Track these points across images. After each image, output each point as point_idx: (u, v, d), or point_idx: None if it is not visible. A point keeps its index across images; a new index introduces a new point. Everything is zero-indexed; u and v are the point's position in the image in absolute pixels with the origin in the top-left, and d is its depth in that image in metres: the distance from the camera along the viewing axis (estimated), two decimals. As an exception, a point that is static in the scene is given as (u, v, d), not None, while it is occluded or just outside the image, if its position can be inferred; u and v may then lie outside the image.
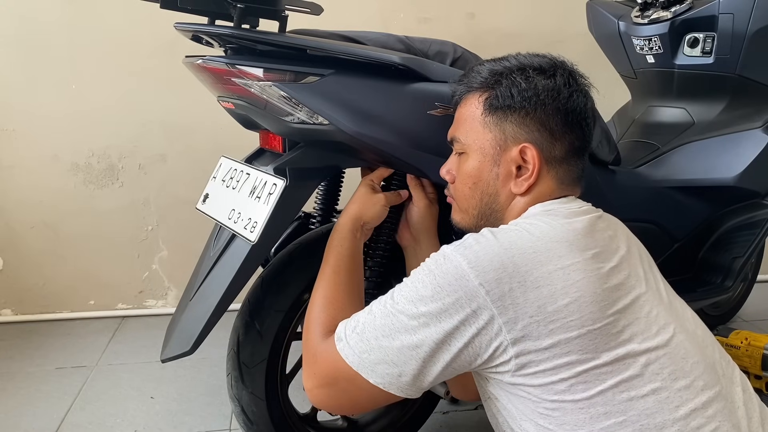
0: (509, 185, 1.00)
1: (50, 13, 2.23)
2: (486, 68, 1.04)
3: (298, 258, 1.33)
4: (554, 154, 0.99)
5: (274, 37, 1.14)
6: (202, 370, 2.03)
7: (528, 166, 0.99)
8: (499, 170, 1.01)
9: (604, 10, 1.98)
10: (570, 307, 0.84)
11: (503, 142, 1.00)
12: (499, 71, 1.02)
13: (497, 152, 1.00)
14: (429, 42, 1.32)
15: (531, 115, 0.98)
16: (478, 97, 1.03)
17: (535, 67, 1.01)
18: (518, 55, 1.05)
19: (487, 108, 1.01)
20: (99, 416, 1.82)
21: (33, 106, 2.28)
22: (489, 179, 1.02)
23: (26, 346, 2.23)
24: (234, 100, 1.25)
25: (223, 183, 1.35)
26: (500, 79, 1.01)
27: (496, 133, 1.00)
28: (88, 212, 2.39)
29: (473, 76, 1.05)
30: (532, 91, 0.98)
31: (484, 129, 1.01)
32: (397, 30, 1.41)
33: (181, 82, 2.13)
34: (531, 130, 0.98)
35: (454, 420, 1.80)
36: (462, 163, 1.05)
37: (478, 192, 1.03)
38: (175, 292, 2.52)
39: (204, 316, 1.21)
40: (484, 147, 1.01)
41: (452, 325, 0.85)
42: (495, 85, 1.01)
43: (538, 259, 0.86)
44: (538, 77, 0.99)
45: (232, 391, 1.34)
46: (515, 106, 0.99)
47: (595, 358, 0.83)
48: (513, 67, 1.02)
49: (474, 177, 1.03)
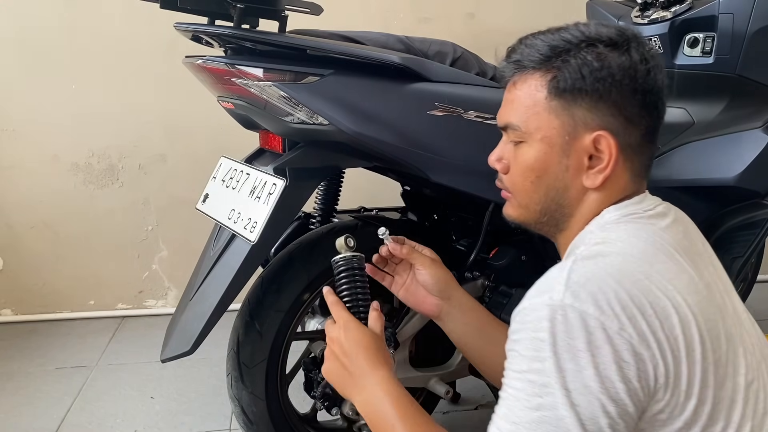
0: (580, 178, 0.87)
1: (50, 14, 2.23)
2: (544, 43, 0.88)
3: (298, 258, 1.33)
4: (629, 141, 0.87)
5: (274, 37, 1.14)
6: (202, 370, 2.03)
7: (602, 156, 0.86)
8: (569, 162, 0.87)
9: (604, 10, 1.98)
10: (691, 333, 0.75)
11: (573, 130, 0.86)
12: (563, 47, 0.87)
13: (566, 141, 0.87)
14: (429, 42, 1.32)
15: (605, 98, 0.85)
16: (539, 78, 0.88)
17: (605, 40, 0.86)
18: (579, 25, 0.90)
19: (552, 90, 0.86)
20: (99, 416, 1.82)
21: (33, 106, 2.28)
22: (557, 172, 0.88)
23: (26, 346, 2.23)
24: (234, 100, 1.25)
25: (223, 183, 1.35)
26: (566, 56, 0.86)
27: (565, 120, 0.86)
28: (88, 212, 2.39)
29: (529, 53, 0.89)
30: (606, 71, 0.84)
31: (549, 115, 0.87)
32: (397, 30, 1.41)
33: (181, 82, 2.13)
34: (604, 114, 0.85)
35: (454, 420, 1.80)
36: (520, 154, 0.91)
37: (542, 186, 0.90)
38: (175, 292, 2.52)
39: (204, 316, 1.21)
40: (550, 136, 0.87)
41: (606, 383, 0.71)
42: (560, 63, 0.86)
43: (649, 287, 0.75)
44: (611, 54, 0.85)
45: (232, 391, 1.34)
46: (587, 88, 0.85)
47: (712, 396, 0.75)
48: (578, 42, 0.87)
49: (538, 170, 0.89)
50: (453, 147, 1.25)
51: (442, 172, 1.27)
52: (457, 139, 1.25)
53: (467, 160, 1.27)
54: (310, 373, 1.40)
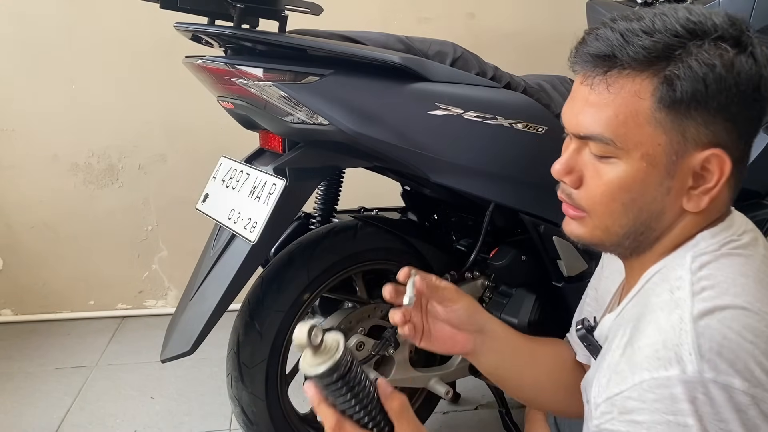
0: (681, 200, 0.73)
1: (50, 13, 2.23)
2: (648, 36, 0.69)
3: (298, 258, 1.33)
4: (739, 156, 0.73)
5: (274, 37, 1.14)
6: (202, 370, 2.03)
7: (710, 175, 0.71)
8: (672, 183, 0.72)
9: (604, 9, 1.98)
10: None
11: (682, 147, 0.70)
12: (676, 43, 0.68)
13: (672, 161, 0.71)
14: (429, 42, 1.31)
15: (724, 110, 0.69)
16: (643, 81, 0.69)
17: (725, 35, 0.69)
18: (678, 7, 0.72)
19: (662, 100, 0.69)
20: (99, 416, 1.82)
21: (33, 106, 2.28)
22: (655, 194, 0.73)
23: (26, 346, 2.23)
24: (234, 100, 1.25)
25: (223, 183, 1.34)
26: (683, 55, 0.68)
27: (674, 136, 0.70)
28: (88, 212, 2.39)
29: (628, 46, 0.69)
30: (732, 79, 0.68)
31: (655, 129, 0.70)
32: (397, 30, 1.41)
33: (181, 82, 2.12)
34: (719, 129, 0.70)
35: (454, 420, 1.80)
36: (609, 171, 0.73)
37: (634, 209, 0.74)
38: (175, 292, 2.52)
39: (204, 316, 1.21)
40: (653, 154, 0.71)
41: None
42: (675, 65, 0.68)
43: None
44: (736, 55, 0.68)
45: (232, 391, 1.34)
46: (706, 99, 0.68)
47: None
48: (694, 34, 0.68)
49: (632, 192, 0.73)
50: (453, 147, 1.25)
51: (442, 172, 1.27)
52: (457, 139, 1.25)
53: (467, 160, 1.27)
54: (310, 373, 1.40)
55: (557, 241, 1.37)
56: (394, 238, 1.43)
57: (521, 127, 1.29)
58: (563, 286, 1.40)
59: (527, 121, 1.30)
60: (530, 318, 1.38)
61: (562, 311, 1.45)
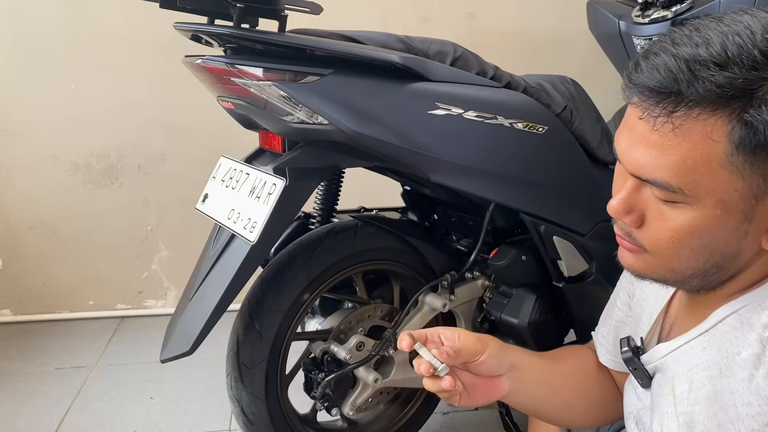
0: (759, 240, 0.66)
1: (50, 13, 2.22)
2: (713, 64, 0.59)
3: (298, 258, 1.33)
4: None
5: (274, 37, 1.14)
6: (202, 370, 2.03)
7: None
8: (749, 226, 0.64)
9: (604, 9, 1.98)
10: None
11: (762, 190, 0.62)
12: (752, 78, 0.58)
13: (752, 205, 0.63)
14: (429, 42, 1.31)
15: None
16: (714, 122, 0.60)
17: None
18: (741, 19, 0.62)
19: (739, 144, 0.60)
20: (98, 416, 1.81)
21: (32, 106, 2.28)
22: (730, 239, 0.65)
23: (25, 346, 2.23)
24: (233, 100, 1.25)
25: (222, 183, 1.34)
26: (764, 94, 0.59)
27: (753, 180, 0.61)
28: (87, 212, 2.39)
29: (693, 83, 0.60)
30: None
31: (731, 175, 0.61)
32: (397, 30, 1.40)
33: (181, 82, 2.12)
34: None
35: (454, 420, 1.79)
36: (677, 216, 0.65)
37: (705, 253, 0.66)
38: (175, 292, 2.52)
39: (204, 317, 1.21)
40: (729, 200, 0.63)
41: None
42: (752, 104, 0.59)
43: None
44: None
45: (232, 392, 1.33)
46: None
47: None
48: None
49: (703, 238, 0.65)
50: (453, 147, 1.25)
51: (442, 172, 1.26)
52: (458, 138, 1.25)
53: (467, 160, 1.27)
54: (310, 373, 1.40)
55: (557, 241, 1.37)
56: (394, 238, 1.43)
57: (521, 126, 1.29)
58: (563, 286, 1.40)
59: (527, 121, 1.30)
60: (530, 318, 1.38)
61: (563, 311, 1.45)
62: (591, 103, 1.50)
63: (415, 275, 1.47)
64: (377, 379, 1.38)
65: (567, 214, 1.38)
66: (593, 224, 1.42)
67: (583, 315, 1.43)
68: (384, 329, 1.39)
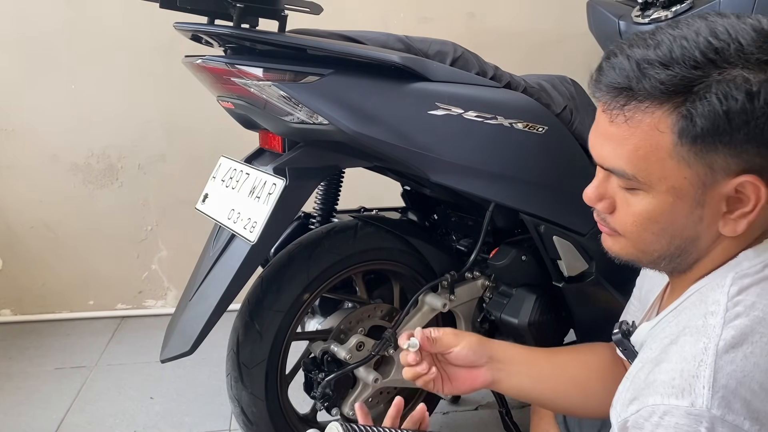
0: (716, 225, 0.71)
1: (50, 13, 2.22)
2: (665, 68, 0.65)
3: (298, 258, 1.33)
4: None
5: (274, 37, 1.14)
6: (202, 370, 2.03)
7: (745, 198, 0.68)
8: (703, 212, 0.70)
9: (604, 9, 1.98)
10: None
11: (710, 178, 0.68)
12: (694, 76, 0.64)
13: (701, 192, 0.68)
14: (429, 42, 1.31)
15: (753, 138, 0.65)
16: (662, 116, 0.66)
17: (749, 56, 0.64)
18: (702, 26, 0.67)
19: (684, 135, 0.66)
20: (98, 416, 1.81)
21: (32, 106, 2.28)
22: (686, 223, 0.71)
23: (25, 346, 2.23)
24: (233, 100, 1.25)
25: (222, 183, 1.34)
26: (701, 88, 0.64)
27: (700, 169, 0.67)
28: (87, 212, 2.39)
29: (644, 78, 0.66)
30: (760, 109, 0.63)
31: (678, 164, 0.67)
32: (397, 30, 1.40)
33: (181, 82, 2.13)
34: (751, 154, 0.66)
35: (454, 420, 1.80)
36: (636, 202, 0.73)
37: (666, 236, 0.73)
38: (175, 292, 2.52)
39: (203, 316, 1.21)
40: (679, 187, 0.69)
41: None
42: (694, 98, 0.64)
43: None
44: (760, 77, 0.63)
45: (232, 392, 1.33)
46: (731, 132, 0.64)
47: None
48: (715, 62, 0.64)
49: (662, 222, 0.72)
50: (453, 147, 1.25)
51: (442, 171, 1.26)
52: (457, 139, 1.25)
53: (467, 159, 1.27)
54: (310, 373, 1.40)
55: (557, 241, 1.37)
56: (394, 238, 1.43)
57: (521, 126, 1.29)
58: (563, 286, 1.40)
59: (527, 121, 1.30)
60: (530, 318, 1.38)
61: (563, 311, 1.45)
62: (591, 103, 1.50)
63: (415, 275, 1.47)
64: (377, 379, 1.38)
65: (567, 214, 1.38)
66: (593, 224, 1.41)
67: (583, 315, 1.43)
68: (384, 329, 1.39)
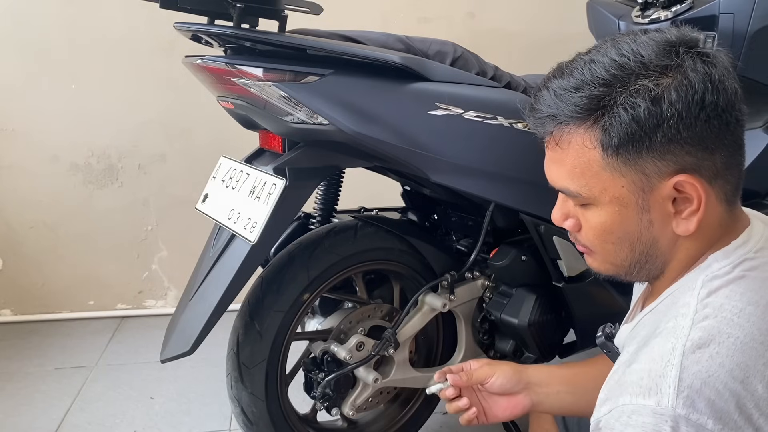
0: (670, 227, 0.73)
1: (50, 13, 2.22)
2: (576, 91, 0.72)
3: (298, 258, 1.33)
4: (715, 170, 0.72)
5: (274, 37, 1.14)
6: (202, 370, 2.03)
7: (689, 196, 0.71)
8: (651, 216, 0.73)
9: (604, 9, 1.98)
10: None
11: (646, 183, 0.71)
12: (601, 93, 0.70)
13: (641, 197, 0.72)
14: (429, 42, 1.31)
15: (674, 139, 0.68)
16: (584, 134, 0.72)
17: (650, 66, 0.69)
18: (608, 49, 0.73)
19: (606, 148, 0.71)
20: (98, 416, 1.81)
21: (32, 106, 2.28)
22: (638, 230, 0.74)
23: (25, 347, 2.23)
24: (234, 100, 1.25)
25: (222, 183, 1.34)
26: (609, 104, 0.69)
27: (633, 176, 0.71)
28: (87, 212, 2.39)
29: (562, 105, 0.73)
30: (665, 109, 0.68)
31: (612, 174, 0.72)
32: (397, 30, 1.41)
33: (181, 82, 2.13)
34: (679, 154, 0.69)
35: (455, 420, 1.79)
36: (590, 217, 0.77)
37: (626, 245, 0.76)
38: (175, 292, 2.52)
39: (204, 316, 1.21)
40: (620, 196, 0.73)
41: None
42: (602, 112, 0.70)
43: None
44: (663, 81, 0.68)
45: (232, 392, 1.33)
46: (647, 136, 0.69)
47: None
48: (619, 78, 0.70)
49: (616, 232, 0.75)
50: (453, 147, 1.25)
51: (442, 172, 1.26)
52: (457, 139, 1.25)
53: (467, 160, 1.27)
54: (310, 373, 1.40)
55: (557, 241, 1.37)
56: (394, 238, 1.43)
57: (521, 126, 1.29)
58: (563, 286, 1.40)
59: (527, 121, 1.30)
60: (530, 318, 1.38)
61: (563, 311, 1.45)
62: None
63: (415, 275, 1.47)
64: (377, 379, 1.38)
65: (567, 214, 1.38)
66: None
67: (583, 315, 1.43)
68: (384, 329, 1.39)
